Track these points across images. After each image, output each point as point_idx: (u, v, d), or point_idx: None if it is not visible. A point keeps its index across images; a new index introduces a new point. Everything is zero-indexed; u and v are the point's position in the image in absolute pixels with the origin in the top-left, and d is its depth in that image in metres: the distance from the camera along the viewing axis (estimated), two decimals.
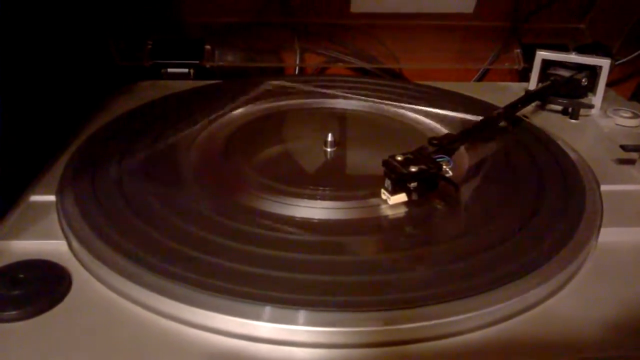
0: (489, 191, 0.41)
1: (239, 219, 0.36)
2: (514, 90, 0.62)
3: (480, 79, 0.72)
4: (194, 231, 0.35)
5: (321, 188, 0.40)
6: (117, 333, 0.29)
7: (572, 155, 0.46)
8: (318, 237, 0.35)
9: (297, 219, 0.37)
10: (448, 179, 0.38)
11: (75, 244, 0.34)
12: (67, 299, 0.31)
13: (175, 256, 0.32)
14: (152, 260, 0.32)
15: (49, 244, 0.35)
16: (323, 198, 0.39)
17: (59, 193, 0.39)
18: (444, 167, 0.39)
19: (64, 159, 0.44)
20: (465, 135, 0.44)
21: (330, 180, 0.43)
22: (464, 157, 0.45)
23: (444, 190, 0.39)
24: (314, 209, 0.38)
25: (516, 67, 0.70)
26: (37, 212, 0.38)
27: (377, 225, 0.37)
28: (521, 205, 0.39)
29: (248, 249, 0.33)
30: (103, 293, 0.31)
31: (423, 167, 0.38)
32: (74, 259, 0.34)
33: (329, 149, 0.47)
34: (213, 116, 0.52)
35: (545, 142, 0.49)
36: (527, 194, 0.40)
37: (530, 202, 0.39)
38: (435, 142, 0.41)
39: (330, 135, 0.46)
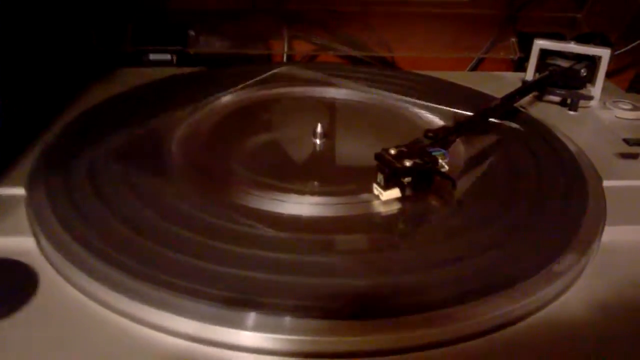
0: (486, 187, 0.39)
1: (222, 216, 0.34)
2: (510, 80, 0.60)
3: (474, 68, 0.70)
4: (174, 229, 0.32)
5: (310, 183, 0.38)
6: (86, 340, 0.26)
7: (572, 148, 0.44)
8: (306, 236, 0.33)
9: (284, 216, 0.35)
10: (444, 174, 0.36)
11: (43, 241, 0.32)
12: (32, 302, 0.28)
13: (152, 257, 0.30)
14: (126, 261, 0.29)
15: (15, 241, 0.32)
16: (312, 193, 0.37)
17: (29, 186, 0.37)
18: (440, 161, 0.37)
19: (36, 150, 0.41)
20: (462, 127, 0.41)
21: (320, 174, 0.40)
22: (461, 150, 0.43)
23: (439, 186, 0.37)
24: (303, 205, 0.36)
25: (512, 56, 0.68)
26: (4, 206, 0.35)
27: (369, 223, 0.35)
28: (521, 203, 0.37)
29: (232, 249, 0.31)
30: (72, 295, 0.29)
31: (418, 161, 0.36)
32: (42, 258, 0.31)
33: (318, 141, 0.44)
34: (195, 106, 0.49)
35: (544, 135, 0.46)
36: (527, 191, 0.38)
37: (530, 199, 0.37)
38: (430, 134, 0.39)
39: (319, 125, 0.44)
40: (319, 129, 0.44)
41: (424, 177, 0.36)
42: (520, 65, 0.66)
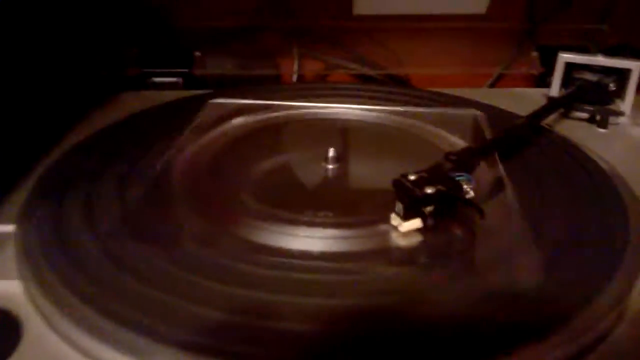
0: (516, 214, 0.35)
1: (226, 253, 0.31)
2: (533, 96, 0.57)
3: (493, 85, 0.67)
4: (173, 273, 0.29)
5: (321, 213, 0.35)
6: None
7: (605, 168, 0.41)
8: (318, 276, 0.30)
9: (294, 251, 0.31)
10: (471, 202, 0.33)
11: (32, 286, 0.29)
12: (14, 357, 0.25)
13: (152, 307, 0.27)
14: (122, 311, 0.26)
15: (0, 285, 0.29)
16: (324, 226, 0.34)
17: (19, 223, 0.34)
18: (465, 186, 0.34)
19: (29, 182, 0.39)
20: (487, 148, 0.38)
21: (332, 203, 0.37)
22: (485, 173, 0.39)
23: (463, 214, 0.34)
24: (313, 239, 0.32)
25: (533, 71, 0.64)
26: None
27: (388, 259, 0.32)
28: (554, 231, 0.33)
29: (237, 292, 0.28)
30: (61, 350, 0.26)
31: (441, 187, 0.32)
32: (29, 305, 0.28)
33: (330, 166, 0.41)
34: (199, 131, 0.46)
35: (574, 155, 0.43)
36: (560, 217, 0.35)
37: (564, 226, 0.34)
38: (453, 157, 0.36)
39: (331, 150, 0.41)
40: (331, 152, 0.41)
41: (448, 206, 0.33)
42: (542, 81, 0.63)
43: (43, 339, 0.26)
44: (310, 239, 0.32)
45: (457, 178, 0.34)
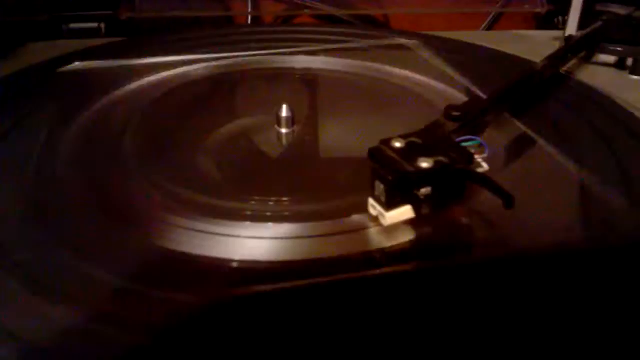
0: (546, 192, 0.25)
1: (136, 270, 0.20)
2: (540, 39, 0.47)
3: (490, 27, 0.56)
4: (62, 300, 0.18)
5: (272, 200, 0.24)
6: None
7: None
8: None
9: (234, 263, 0.21)
10: (493, 184, 0.22)
11: None
12: None
13: None
14: None
15: None
16: (275, 218, 0.23)
17: None
18: (475, 156, 0.23)
19: None
20: (499, 100, 0.28)
21: (285, 184, 0.26)
22: (496, 135, 0.29)
23: (472, 194, 0.23)
24: (261, 242, 0.22)
25: (538, 10, 0.53)
26: None
27: (365, 268, 0.21)
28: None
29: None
30: None
31: (441, 158, 0.22)
32: None
33: (283, 130, 0.30)
34: (108, 89, 0.35)
35: (606, 107, 0.34)
36: (612, 185, 0.25)
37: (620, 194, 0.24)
38: (456, 113, 0.25)
39: (284, 108, 0.30)
40: (284, 112, 0.30)
41: (451, 185, 0.22)
42: (549, 21, 0.53)
43: None
44: (258, 242, 0.22)
45: (465, 144, 0.23)
